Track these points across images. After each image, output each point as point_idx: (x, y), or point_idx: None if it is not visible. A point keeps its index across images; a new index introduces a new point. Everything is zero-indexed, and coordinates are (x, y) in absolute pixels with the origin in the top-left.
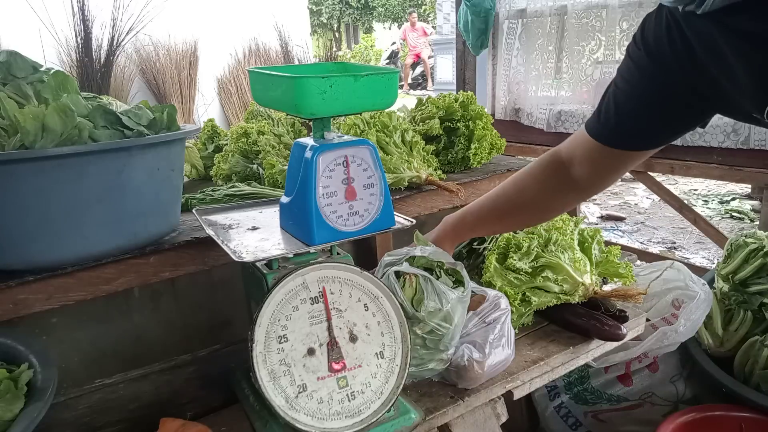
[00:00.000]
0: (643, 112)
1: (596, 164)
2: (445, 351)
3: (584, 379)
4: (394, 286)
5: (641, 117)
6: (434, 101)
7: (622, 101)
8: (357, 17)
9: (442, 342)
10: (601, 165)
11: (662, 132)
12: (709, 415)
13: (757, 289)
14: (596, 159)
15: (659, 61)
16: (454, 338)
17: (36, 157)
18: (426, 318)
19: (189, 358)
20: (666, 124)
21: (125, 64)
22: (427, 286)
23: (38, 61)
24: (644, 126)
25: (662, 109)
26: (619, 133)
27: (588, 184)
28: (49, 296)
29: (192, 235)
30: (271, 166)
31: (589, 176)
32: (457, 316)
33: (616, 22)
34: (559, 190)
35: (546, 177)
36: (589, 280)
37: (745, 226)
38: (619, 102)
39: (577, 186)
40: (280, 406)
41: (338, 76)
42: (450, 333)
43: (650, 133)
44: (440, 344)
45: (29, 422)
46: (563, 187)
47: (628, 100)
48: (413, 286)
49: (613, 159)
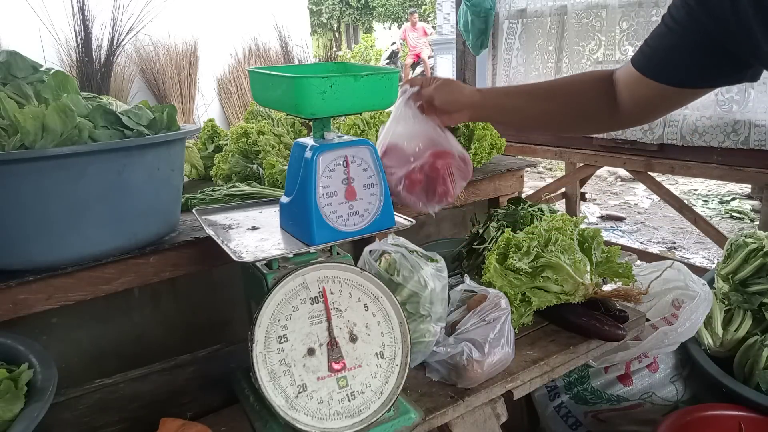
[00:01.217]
0: (678, 46)
1: (632, 91)
2: (428, 318)
3: (584, 379)
4: (369, 261)
5: (675, 50)
6: None
7: (664, 33)
8: (357, 17)
9: (421, 305)
10: (636, 93)
11: (693, 71)
12: (709, 415)
13: (757, 289)
14: (633, 86)
15: (708, 4)
16: (434, 304)
17: (36, 157)
18: (402, 281)
19: (189, 358)
20: (698, 64)
21: (125, 64)
22: (402, 260)
23: (38, 61)
24: (677, 60)
25: (697, 49)
26: (652, 62)
27: (624, 109)
28: (49, 296)
29: (192, 235)
30: (271, 166)
31: (626, 102)
32: (431, 283)
33: (616, 22)
34: (601, 100)
35: (595, 80)
36: (589, 281)
37: (745, 226)
38: (661, 34)
39: (616, 107)
40: (280, 406)
41: (338, 76)
42: (428, 296)
43: (681, 69)
44: (420, 307)
45: (29, 422)
46: (605, 99)
47: (669, 34)
48: (389, 261)
49: (647, 89)
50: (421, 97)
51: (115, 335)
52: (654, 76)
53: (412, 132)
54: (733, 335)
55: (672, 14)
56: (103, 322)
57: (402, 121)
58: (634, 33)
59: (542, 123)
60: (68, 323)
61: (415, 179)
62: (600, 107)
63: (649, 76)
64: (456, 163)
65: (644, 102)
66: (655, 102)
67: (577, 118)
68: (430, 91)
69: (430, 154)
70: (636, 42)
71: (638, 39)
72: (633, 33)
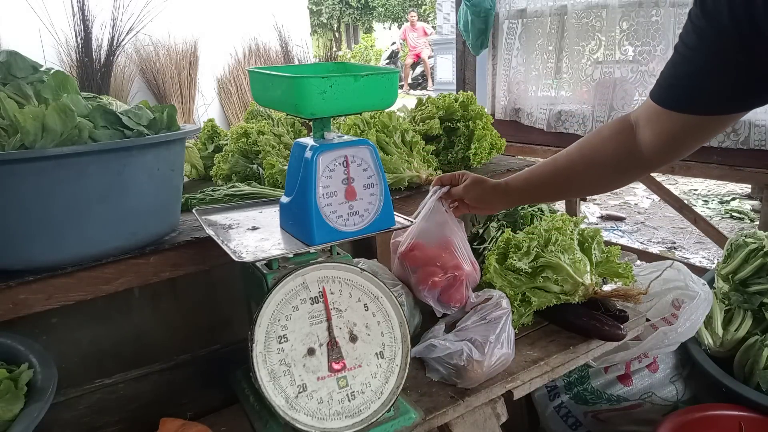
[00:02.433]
0: (696, 72)
1: (654, 127)
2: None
3: (584, 379)
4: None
5: (693, 77)
6: (434, 101)
7: (679, 62)
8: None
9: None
10: (658, 129)
11: (713, 96)
12: (709, 415)
13: (757, 289)
14: (655, 121)
15: (715, 18)
16: None
17: (36, 157)
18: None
19: (189, 358)
20: (717, 88)
21: (125, 64)
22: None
23: (38, 61)
24: (694, 87)
25: (716, 70)
26: (672, 93)
27: (650, 149)
28: (49, 296)
29: (192, 235)
30: (271, 166)
31: (651, 140)
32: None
33: (616, 22)
34: (622, 149)
35: (614, 133)
36: (589, 281)
37: (745, 226)
38: (675, 62)
39: (641, 152)
40: (280, 406)
41: (338, 76)
42: None
43: (700, 95)
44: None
45: (29, 422)
46: (625, 147)
47: (684, 61)
48: None
49: (670, 123)
50: (452, 196)
51: (115, 335)
52: (673, 107)
53: (440, 236)
54: (733, 335)
55: (684, 41)
56: (103, 322)
57: (431, 222)
58: (634, 33)
59: (574, 190)
60: (68, 323)
61: (437, 283)
62: (622, 158)
63: (668, 107)
64: (472, 276)
65: (668, 136)
66: (680, 135)
67: (603, 176)
68: (460, 191)
69: (453, 265)
70: (636, 42)
71: (638, 39)
72: (633, 33)
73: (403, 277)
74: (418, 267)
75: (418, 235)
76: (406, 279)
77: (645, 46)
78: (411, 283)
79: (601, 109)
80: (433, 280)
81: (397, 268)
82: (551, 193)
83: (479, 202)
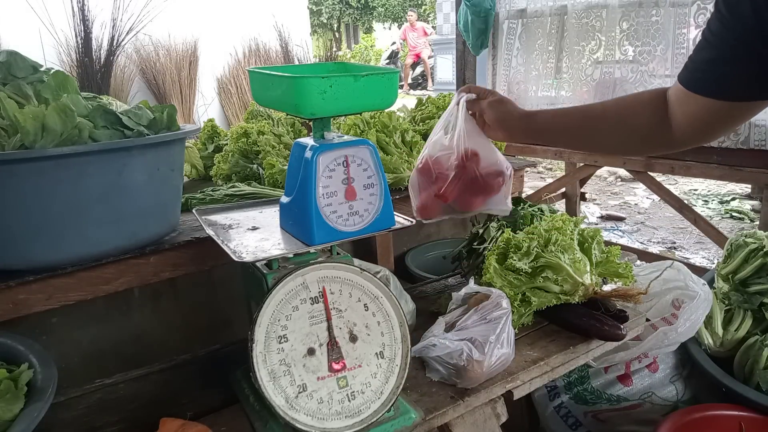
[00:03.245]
0: (720, 59)
1: (683, 109)
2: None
3: (584, 379)
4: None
5: (717, 63)
6: (434, 101)
7: (704, 47)
8: (357, 17)
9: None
10: (686, 110)
11: (737, 83)
12: (709, 415)
13: (757, 289)
14: (683, 102)
15: (739, 12)
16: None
17: (36, 157)
18: None
19: (189, 358)
20: (741, 75)
21: (125, 64)
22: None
23: (38, 61)
24: (718, 73)
25: (738, 59)
26: (695, 76)
27: (677, 128)
28: (49, 296)
29: (192, 235)
30: (271, 166)
31: (679, 121)
32: None
33: (616, 22)
34: (654, 119)
35: (653, 101)
36: (589, 281)
37: (745, 226)
38: (701, 47)
39: (671, 128)
40: (280, 406)
41: (338, 76)
42: None
43: (724, 81)
44: None
45: (29, 422)
46: (658, 118)
47: (709, 47)
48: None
49: (696, 106)
50: (475, 106)
51: (115, 335)
52: (698, 90)
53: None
54: (733, 335)
55: (710, 27)
56: (103, 322)
57: (452, 124)
58: (634, 33)
59: (593, 144)
60: (68, 323)
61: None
62: (653, 127)
63: (693, 90)
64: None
65: (694, 119)
66: (706, 119)
67: (629, 138)
68: (485, 105)
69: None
70: (636, 42)
71: (638, 39)
72: (633, 33)
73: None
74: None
75: (439, 137)
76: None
77: (645, 46)
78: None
79: None
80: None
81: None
82: (573, 139)
83: (499, 123)
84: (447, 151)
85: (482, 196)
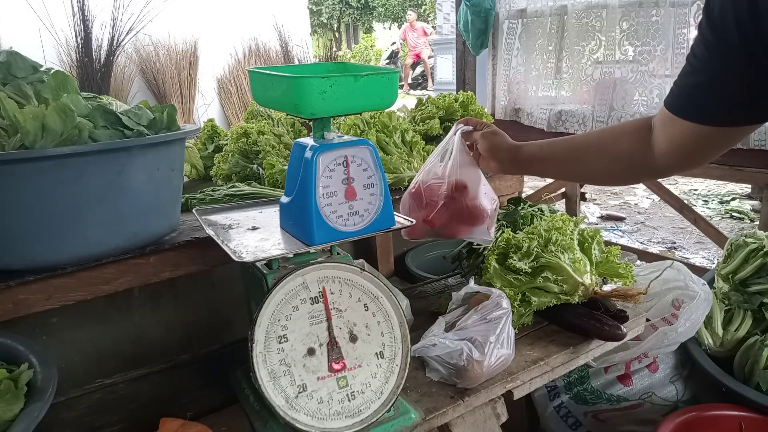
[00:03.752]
0: (705, 84)
1: (667, 133)
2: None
3: (584, 379)
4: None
5: (703, 88)
6: (434, 101)
7: (689, 72)
8: (357, 17)
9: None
10: (670, 134)
11: (724, 109)
12: (709, 415)
13: (757, 289)
14: (668, 126)
15: (723, 32)
16: None
17: (36, 157)
18: None
19: (189, 358)
20: (725, 100)
21: (125, 64)
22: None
23: (38, 61)
24: (702, 97)
25: (724, 84)
26: (683, 102)
27: (661, 154)
28: (49, 296)
29: (192, 235)
30: (271, 166)
31: (663, 145)
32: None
33: (616, 22)
34: (636, 147)
35: (634, 129)
36: (589, 281)
37: (745, 226)
38: (686, 72)
39: (653, 155)
40: (280, 406)
41: (338, 76)
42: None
43: (711, 107)
44: None
45: (29, 422)
46: (640, 147)
47: (694, 72)
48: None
49: (681, 130)
50: (470, 137)
51: (115, 335)
52: (683, 115)
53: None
54: (733, 335)
55: (694, 52)
56: (103, 323)
57: (449, 153)
58: (634, 33)
59: (579, 173)
60: (68, 323)
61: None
62: (635, 154)
63: (679, 114)
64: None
65: (679, 145)
66: (691, 144)
67: (611, 165)
68: (478, 136)
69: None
70: (636, 42)
71: (638, 39)
72: (633, 33)
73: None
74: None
75: (433, 165)
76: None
77: (645, 46)
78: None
79: (601, 109)
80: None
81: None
82: (559, 169)
83: (490, 154)
84: (439, 180)
85: (467, 226)
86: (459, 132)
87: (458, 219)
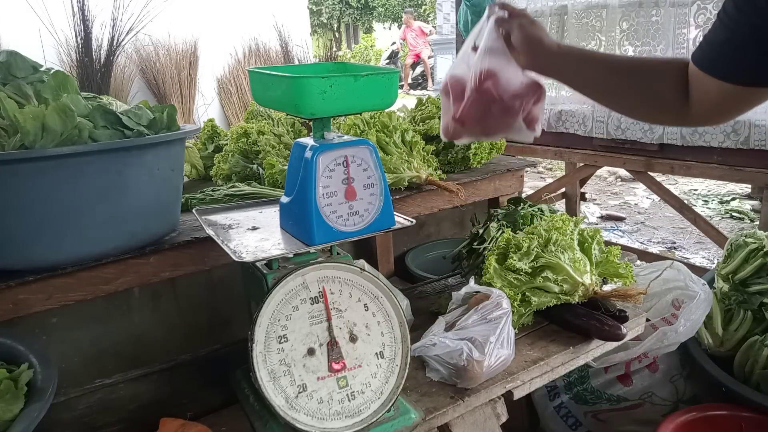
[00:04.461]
0: (730, 40)
1: (696, 87)
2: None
3: (584, 379)
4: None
5: (727, 44)
6: (434, 101)
7: (717, 27)
8: (357, 17)
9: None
10: (698, 89)
11: (748, 68)
12: (709, 415)
13: (757, 289)
14: (696, 81)
15: (748, 7)
16: None
17: (36, 157)
18: None
19: (189, 358)
20: (752, 60)
21: (125, 64)
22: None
23: (38, 61)
24: (729, 55)
25: (748, 43)
26: (707, 57)
27: (692, 104)
28: (49, 296)
29: (192, 235)
30: (271, 166)
31: (693, 98)
32: None
33: (616, 22)
34: (677, 88)
35: (675, 67)
36: (589, 280)
37: (745, 226)
38: (715, 28)
39: (687, 99)
40: (280, 406)
41: (338, 76)
42: None
43: (734, 64)
44: None
45: (29, 422)
46: (680, 88)
47: (721, 26)
48: None
49: (707, 86)
50: (506, 25)
51: (115, 335)
52: (710, 71)
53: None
54: (733, 335)
55: (725, 8)
56: (103, 322)
57: (483, 37)
58: (634, 33)
59: (613, 99)
60: (68, 323)
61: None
62: (674, 96)
63: (706, 70)
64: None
65: (706, 99)
66: (717, 100)
67: (649, 102)
68: (514, 25)
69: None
70: (636, 42)
71: (638, 39)
72: (633, 33)
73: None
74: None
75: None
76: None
77: (645, 46)
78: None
79: (601, 109)
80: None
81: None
82: (592, 87)
83: (524, 46)
84: (467, 72)
85: (502, 122)
86: (493, 17)
87: (491, 115)
